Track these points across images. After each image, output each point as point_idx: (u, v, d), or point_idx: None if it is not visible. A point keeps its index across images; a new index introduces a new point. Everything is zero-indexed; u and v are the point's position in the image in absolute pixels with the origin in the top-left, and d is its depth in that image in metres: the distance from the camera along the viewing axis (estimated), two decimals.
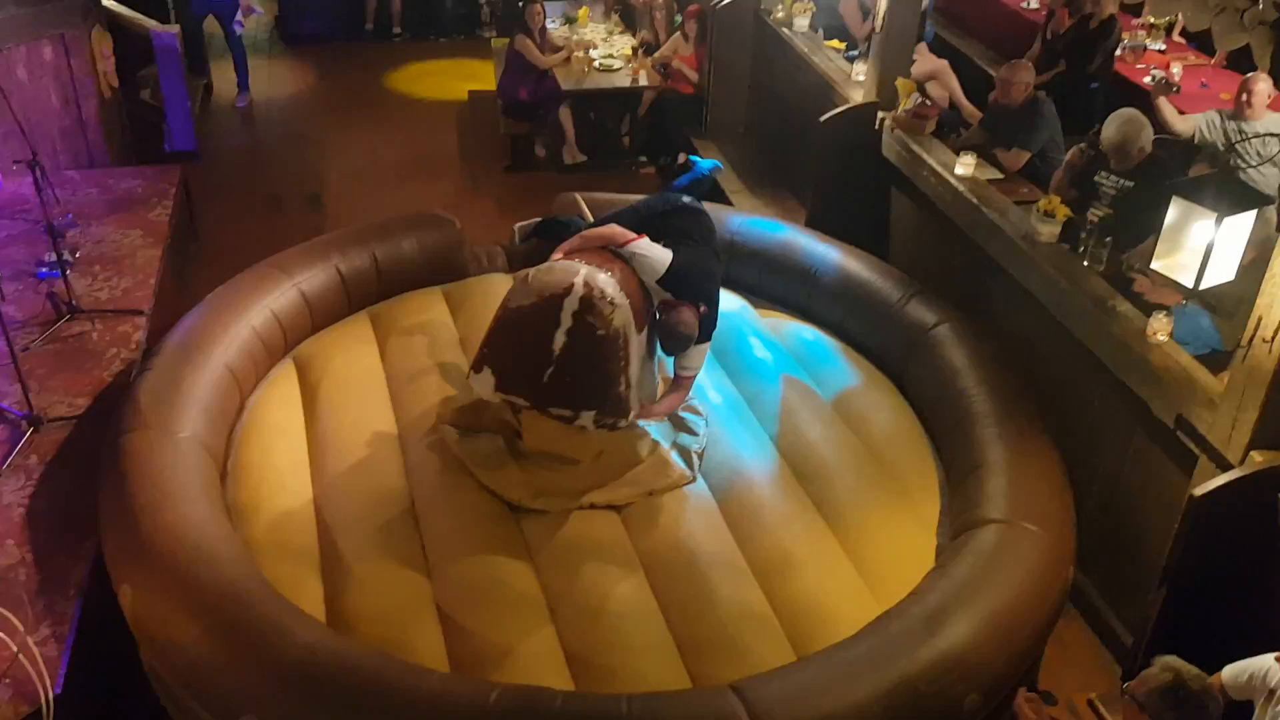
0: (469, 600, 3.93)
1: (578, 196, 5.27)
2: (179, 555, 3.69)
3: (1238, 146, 5.59)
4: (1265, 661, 3.22)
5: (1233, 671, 3.26)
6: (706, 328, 4.45)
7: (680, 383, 4.57)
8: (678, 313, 4.33)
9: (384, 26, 11.69)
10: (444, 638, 3.82)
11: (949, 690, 3.43)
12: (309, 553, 4.15)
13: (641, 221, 4.56)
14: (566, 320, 4.06)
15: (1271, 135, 5.54)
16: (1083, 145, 5.41)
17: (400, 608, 3.90)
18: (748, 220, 5.95)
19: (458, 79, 10.60)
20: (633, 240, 4.36)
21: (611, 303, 4.09)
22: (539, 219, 4.93)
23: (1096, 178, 5.24)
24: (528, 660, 3.70)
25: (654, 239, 4.42)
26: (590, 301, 4.06)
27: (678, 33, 8.81)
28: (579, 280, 4.09)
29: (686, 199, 4.78)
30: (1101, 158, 5.26)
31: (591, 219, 4.93)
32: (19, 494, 4.32)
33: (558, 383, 4.12)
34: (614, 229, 4.43)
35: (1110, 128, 5.10)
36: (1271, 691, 3.15)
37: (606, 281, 4.13)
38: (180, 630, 3.52)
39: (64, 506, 4.28)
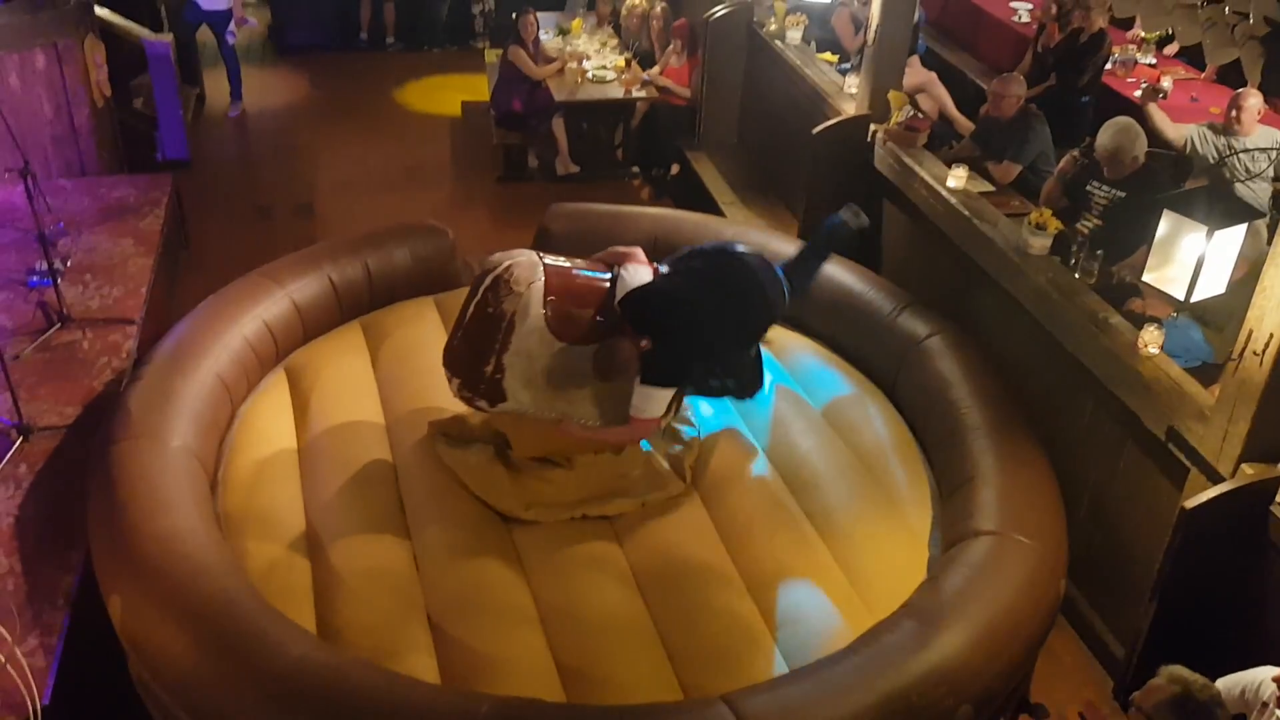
0: (460, 611, 3.92)
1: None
2: (169, 565, 3.67)
3: (1228, 161, 5.61)
4: (1258, 675, 3.22)
5: (1225, 685, 3.27)
6: (656, 371, 4.14)
7: (631, 422, 4.28)
8: (615, 339, 4.18)
9: (378, 37, 11.70)
10: (435, 649, 3.81)
11: (940, 702, 3.42)
12: (299, 563, 4.13)
13: (676, 254, 4.51)
14: (478, 294, 4.30)
15: (1261, 150, 5.57)
16: (1076, 153, 5.44)
17: (391, 619, 3.89)
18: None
19: (450, 89, 10.61)
20: (634, 261, 4.37)
21: (510, 287, 4.21)
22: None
23: (1088, 187, 5.26)
24: (519, 672, 3.69)
25: (671, 269, 4.40)
26: (496, 281, 4.25)
27: (670, 48, 8.82)
28: (506, 262, 4.29)
29: (741, 247, 4.56)
30: (1094, 167, 5.28)
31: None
32: (8, 503, 4.30)
33: (456, 347, 4.40)
34: (630, 250, 4.44)
35: (1105, 135, 5.13)
36: (1265, 704, 3.16)
37: (526, 268, 4.26)
38: (170, 641, 3.50)
39: (53, 516, 4.26)
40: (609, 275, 4.37)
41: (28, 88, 7.06)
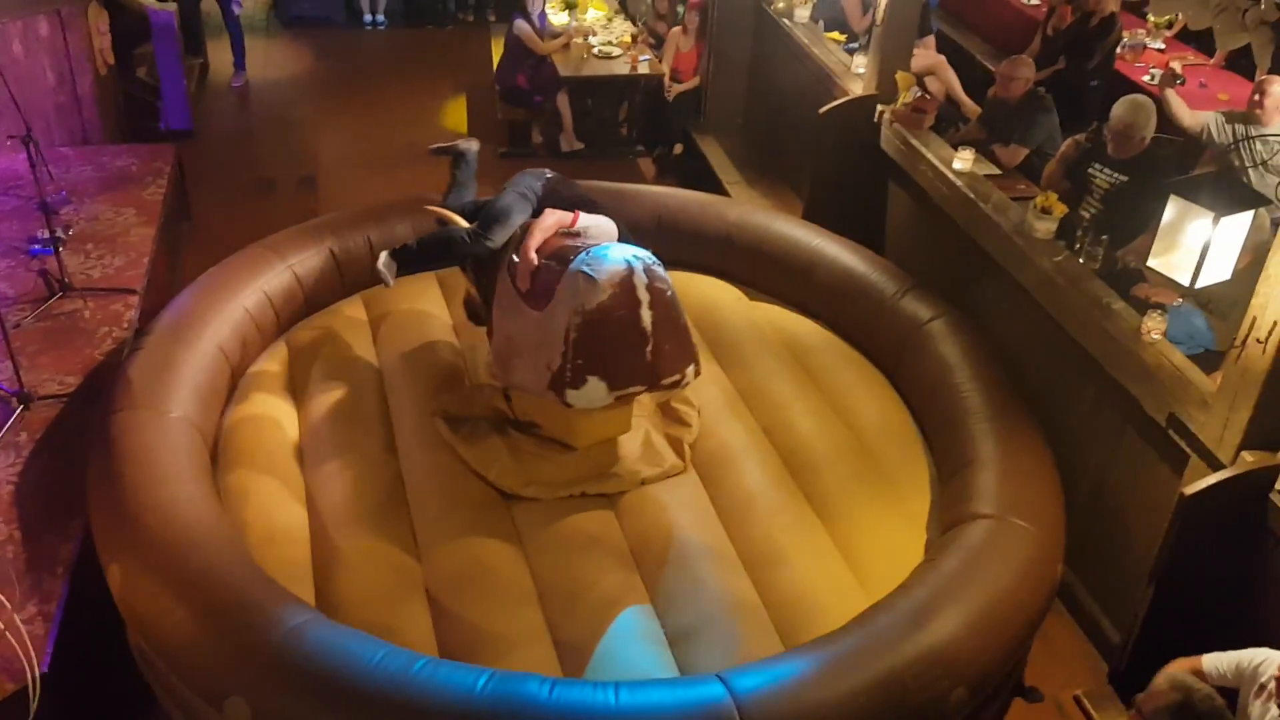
0: (458, 586, 3.93)
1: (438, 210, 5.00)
2: (168, 536, 3.68)
3: (1242, 147, 5.56)
4: (1260, 654, 3.22)
5: (1213, 661, 3.28)
6: None
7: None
8: None
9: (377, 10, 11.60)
10: (433, 623, 3.82)
11: (935, 684, 3.43)
12: (299, 535, 4.14)
13: (552, 201, 4.57)
14: (644, 295, 4.08)
15: (1276, 136, 5.50)
16: (1079, 137, 5.40)
17: (389, 592, 3.90)
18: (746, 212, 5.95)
19: (454, 64, 10.55)
20: (576, 219, 4.43)
21: (656, 262, 4.17)
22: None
23: (1090, 169, 5.24)
24: (516, 647, 3.70)
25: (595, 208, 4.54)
26: (648, 268, 4.12)
27: (678, 28, 8.76)
28: (623, 255, 4.11)
29: (550, 173, 4.76)
30: (1096, 150, 5.25)
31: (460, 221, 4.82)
32: (8, 471, 4.30)
33: (659, 354, 4.16)
34: (557, 215, 4.43)
35: (1120, 109, 5.08)
36: (1262, 686, 3.16)
37: (631, 247, 4.21)
38: (168, 611, 3.51)
39: (53, 485, 4.26)
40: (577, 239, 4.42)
41: (31, 55, 7.02)
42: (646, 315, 4.09)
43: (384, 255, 4.68)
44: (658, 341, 4.14)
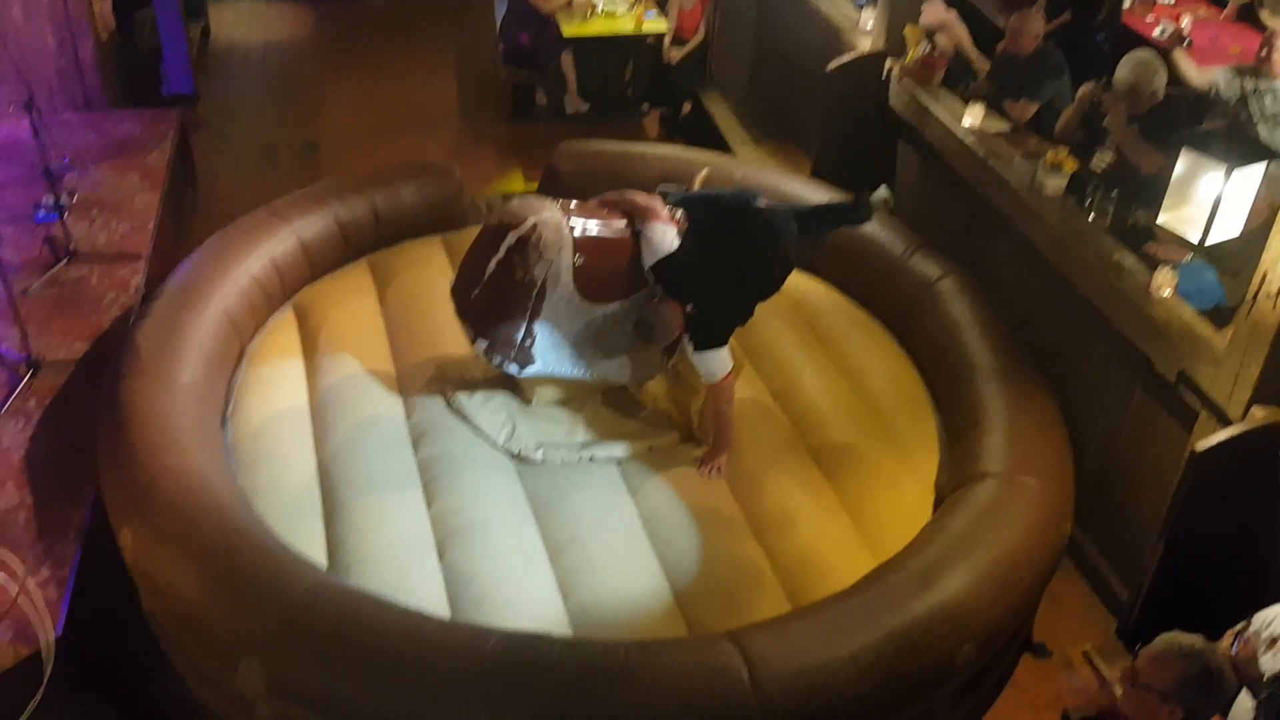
0: (469, 548, 3.95)
1: (707, 169, 5.16)
2: (179, 500, 3.70)
3: (1251, 101, 5.49)
4: (1273, 611, 3.22)
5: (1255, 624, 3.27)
6: (703, 337, 4.25)
7: (711, 392, 4.38)
8: (658, 305, 4.23)
9: None
10: (444, 584, 3.84)
11: (944, 641, 3.45)
12: (310, 499, 4.16)
13: (696, 206, 4.43)
14: (501, 252, 4.20)
15: None
16: (1096, 83, 5.33)
17: (401, 554, 3.92)
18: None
19: (456, 26, 10.45)
20: (656, 219, 4.27)
21: (540, 252, 4.13)
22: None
23: (1105, 121, 5.18)
24: (527, 608, 3.72)
25: (693, 227, 4.32)
26: (524, 242, 4.15)
27: None
28: (530, 220, 4.17)
29: (764, 202, 4.56)
30: (1112, 99, 5.18)
31: (696, 189, 4.82)
32: (18, 437, 4.32)
33: (475, 303, 4.31)
34: (651, 202, 4.34)
35: (1124, 69, 5.03)
36: (1275, 639, 3.16)
37: (554, 231, 4.16)
38: (181, 575, 3.53)
39: (63, 450, 4.28)
40: (630, 229, 4.29)
41: (31, 20, 6.96)
42: (491, 264, 4.22)
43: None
44: (483, 294, 4.27)
